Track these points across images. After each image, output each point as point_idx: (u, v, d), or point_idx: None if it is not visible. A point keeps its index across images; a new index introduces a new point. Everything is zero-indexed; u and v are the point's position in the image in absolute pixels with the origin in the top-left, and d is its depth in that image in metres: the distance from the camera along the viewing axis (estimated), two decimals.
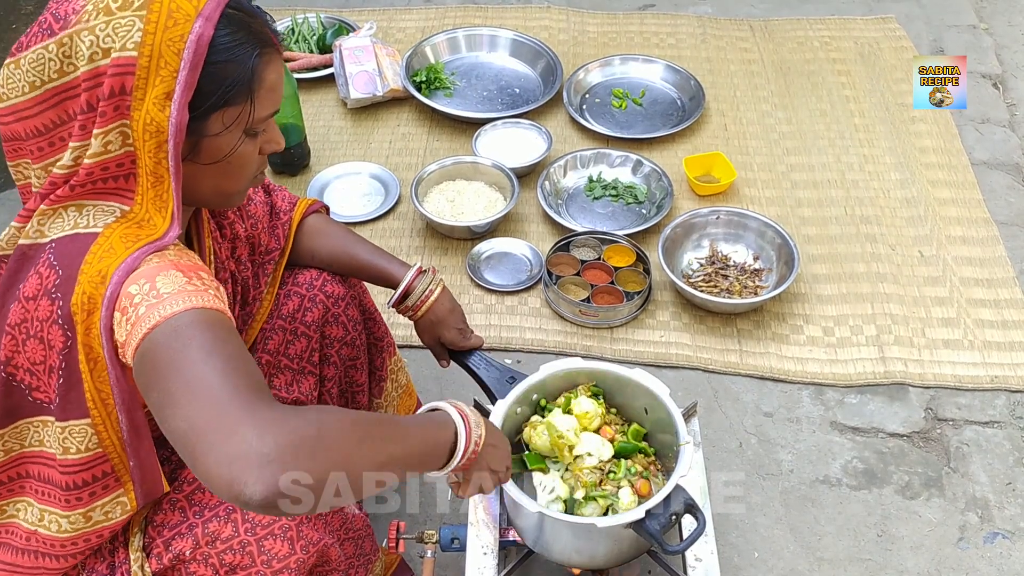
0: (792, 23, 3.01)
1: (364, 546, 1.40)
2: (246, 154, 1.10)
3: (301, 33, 2.85)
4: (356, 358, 1.55)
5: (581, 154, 2.47)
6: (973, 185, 2.45)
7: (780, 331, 2.11)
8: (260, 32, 1.05)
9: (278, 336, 1.43)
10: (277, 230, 1.43)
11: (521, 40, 2.84)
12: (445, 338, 1.54)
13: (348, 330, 1.50)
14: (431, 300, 1.50)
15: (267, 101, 1.07)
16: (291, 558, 1.19)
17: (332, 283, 1.47)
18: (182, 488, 1.24)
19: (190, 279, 0.99)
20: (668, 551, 1.29)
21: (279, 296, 1.44)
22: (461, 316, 1.56)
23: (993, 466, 1.87)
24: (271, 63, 1.06)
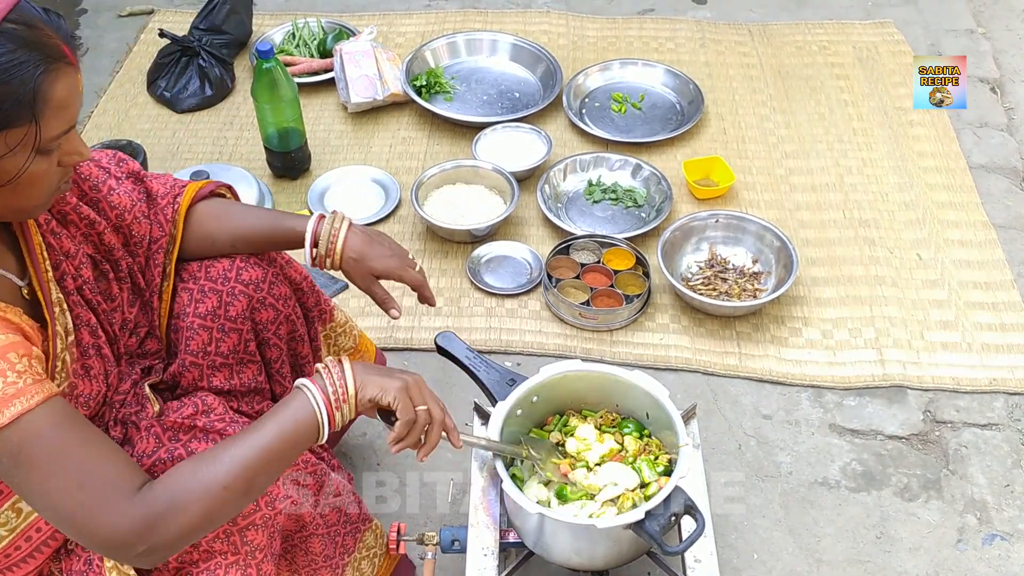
0: (790, 27, 3.03)
1: (349, 512, 1.40)
2: (39, 172, 1.04)
3: (302, 38, 2.87)
4: (295, 331, 1.49)
5: (581, 158, 2.48)
6: (971, 189, 2.46)
7: (779, 334, 2.12)
8: (45, 45, 0.99)
9: (202, 336, 1.37)
10: (158, 216, 1.36)
11: (521, 44, 2.85)
12: (377, 271, 1.41)
13: (279, 309, 1.44)
14: (341, 239, 1.39)
15: (57, 119, 1.02)
16: (256, 514, 1.20)
17: (248, 268, 1.40)
18: (142, 462, 1.24)
19: (2, 372, 0.99)
20: (668, 552, 1.29)
21: (192, 292, 1.37)
22: (390, 247, 1.44)
23: (991, 468, 1.88)
24: (60, 78, 1.00)
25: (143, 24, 3.08)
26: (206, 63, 2.72)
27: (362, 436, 1.93)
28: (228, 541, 1.21)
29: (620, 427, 1.50)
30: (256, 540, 1.22)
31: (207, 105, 2.73)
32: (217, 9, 2.80)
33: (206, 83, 2.72)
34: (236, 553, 1.21)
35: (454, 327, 2.11)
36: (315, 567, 1.38)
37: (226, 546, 1.21)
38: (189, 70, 2.73)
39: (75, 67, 1.03)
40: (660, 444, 1.47)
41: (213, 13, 2.80)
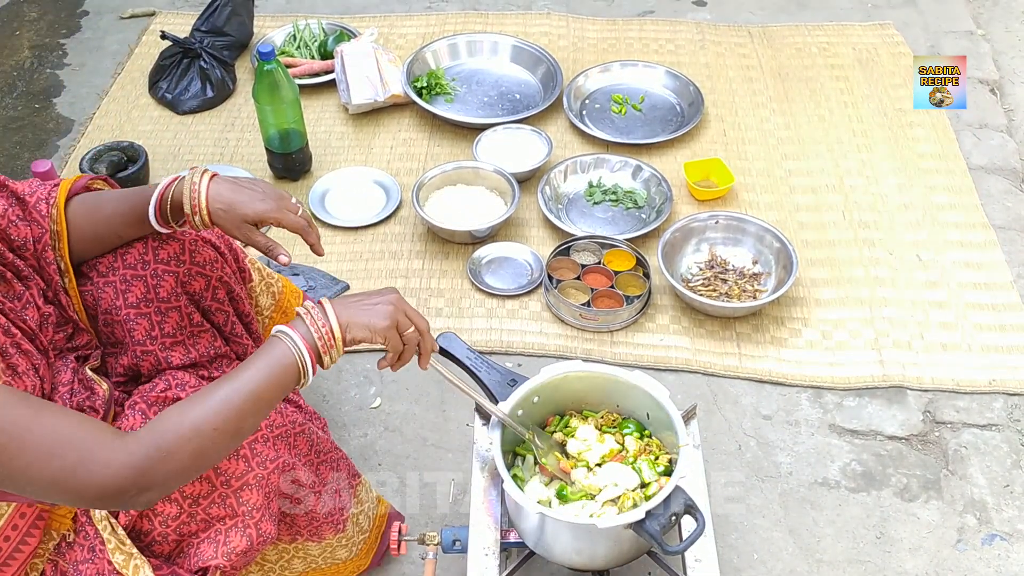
0: (790, 29, 3.03)
1: (340, 468, 1.43)
2: None
3: (303, 39, 2.87)
4: (232, 291, 1.47)
5: (581, 159, 2.48)
6: (971, 190, 2.47)
7: (779, 335, 2.12)
8: None
9: (142, 324, 1.36)
10: (33, 215, 1.31)
11: (521, 46, 2.86)
12: (249, 216, 1.31)
13: (207, 275, 1.41)
14: (203, 191, 1.29)
15: None
16: (249, 474, 1.22)
17: (163, 246, 1.37)
18: None
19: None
20: (668, 552, 1.30)
21: (116, 285, 1.35)
22: (263, 190, 1.34)
23: (991, 468, 1.88)
24: None
25: (145, 26, 3.08)
26: (207, 65, 2.73)
27: (363, 436, 1.94)
28: (224, 504, 1.23)
29: (620, 427, 1.50)
30: (252, 500, 1.24)
31: (208, 107, 2.73)
32: (218, 11, 2.81)
33: (207, 85, 2.73)
34: (234, 516, 1.23)
35: (455, 328, 2.11)
36: (316, 524, 1.40)
37: (223, 510, 1.23)
38: (190, 72, 2.73)
39: None
40: (660, 444, 1.48)
41: (214, 15, 2.81)
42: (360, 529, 1.54)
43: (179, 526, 1.23)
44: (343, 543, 1.50)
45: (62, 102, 2.81)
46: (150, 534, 1.25)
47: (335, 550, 1.50)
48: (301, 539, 1.42)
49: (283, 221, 1.33)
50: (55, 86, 2.86)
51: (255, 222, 1.31)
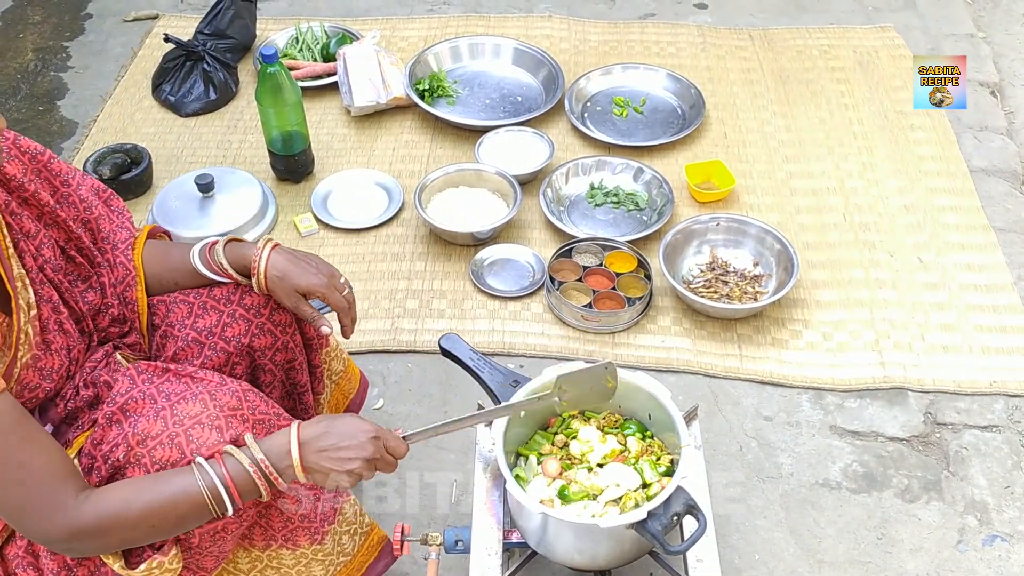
0: (791, 32, 3.04)
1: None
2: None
3: (305, 42, 2.88)
4: (293, 360, 1.52)
5: (583, 161, 2.49)
6: (971, 192, 2.47)
7: (780, 336, 2.13)
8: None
9: (193, 349, 1.41)
10: (121, 219, 1.43)
11: (523, 49, 2.87)
12: (301, 287, 1.41)
13: (277, 336, 1.47)
14: (264, 259, 1.40)
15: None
16: (220, 445, 1.21)
17: (251, 294, 1.44)
18: (115, 400, 1.27)
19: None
20: (670, 552, 1.30)
21: (193, 307, 1.42)
22: (316, 266, 1.43)
23: (992, 470, 1.88)
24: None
25: (148, 29, 3.09)
26: (210, 67, 2.74)
27: None
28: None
29: (622, 428, 1.51)
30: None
31: (211, 109, 2.74)
32: (221, 14, 2.82)
33: (210, 87, 2.74)
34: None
35: (457, 329, 2.12)
36: (291, 528, 1.36)
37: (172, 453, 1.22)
38: (193, 74, 2.75)
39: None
40: (662, 445, 1.48)
41: (217, 18, 2.82)
42: (342, 551, 1.47)
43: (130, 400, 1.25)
44: (319, 557, 1.43)
45: (66, 105, 2.82)
46: None
47: (310, 563, 1.42)
48: (275, 545, 1.37)
49: (329, 297, 1.43)
50: (59, 89, 2.87)
51: (304, 293, 1.42)
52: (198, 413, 1.23)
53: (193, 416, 1.22)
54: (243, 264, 1.42)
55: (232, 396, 1.27)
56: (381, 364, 2.07)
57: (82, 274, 1.37)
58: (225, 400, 1.25)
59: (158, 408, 1.24)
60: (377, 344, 2.11)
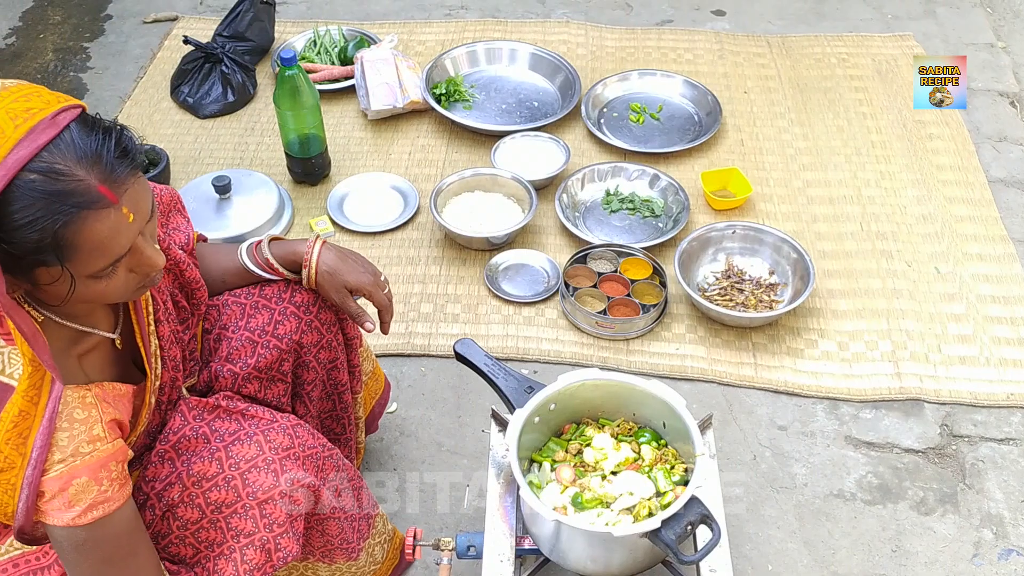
0: (809, 40, 3.03)
1: (361, 499, 1.45)
2: (100, 288, 1.05)
3: (323, 45, 2.89)
4: (335, 359, 1.55)
5: (599, 167, 2.49)
6: (990, 203, 2.46)
7: (795, 345, 2.12)
8: (71, 193, 0.96)
9: (247, 348, 1.42)
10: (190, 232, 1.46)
11: (540, 54, 2.87)
12: (351, 284, 1.45)
13: (323, 334, 1.50)
14: (315, 254, 1.44)
15: (94, 258, 1.00)
16: (275, 490, 1.24)
17: (300, 291, 1.47)
18: (168, 438, 1.29)
19: (99, 482, 1.07)
20: (683, 561, 1.30)
21: (245, 308, 1.44)
22: (363, 264, 1.49)
23: (1008, 483, 1.87)
24: (89, 223, 0.97)
25: (167, 31, 3.11)
26: (229, 70, 2.75)
27: (378, 441, 1.94)
28: (247, 516, 1.24)
29: (637, 436, 1.51)
30: (275, 515, 1.25)
31: (229, 111, 2.76)
32: (240, 16, 2.83)
33: (228, 89, 2.75)
34: (254, 532, 1.24)
35: (471, 334, 2.12)
36: (330, 548, 1.41)
37: (245, 522, 1.24)
38: (212, 76, 2.76)
39: (115, 204, 0.99)
40: (676, 454, 1.48)
41: (236, 20, 2.83)
42: (373, 560, 1.54)
43: (198, 530, 1.25)
44: (352, 571, 1.50)
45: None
46: (167, 536, 1.26)
47: (343, 575, 1.50)
48: (313, 559, 1.42)
49: (373, 296, 1.47)
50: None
51: (352, 290, 1.46)
52: (254, 456, 1.25)
53: (249, 460, 1.25)
54: (291, 260, 1.45)
55: (284, 435, 1.30)
56: (395, 368, 2.07)
57: (182, 316, 1.37)
58: (279, 441, 1.28)
59: (212, 449, 1.26)
60: (391, 348, 2.12)
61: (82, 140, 0.98)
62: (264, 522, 1.24)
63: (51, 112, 0.97)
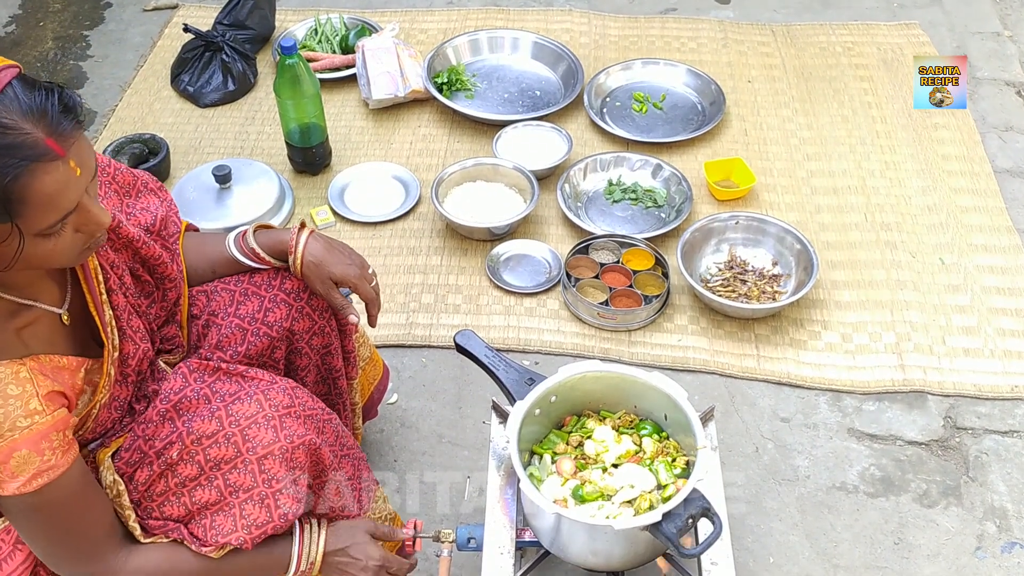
0: (814, 28, 3.01)
1: (361, 471, 1.45)
2: (48, 248, 1.05)
3: (324, 33, 2.88)
4: (329, 344, 1.54)
5: (601, 157, 2.47)
6: (996, 193, 2.44)
7: (798, 337, 2.10)
8: (18, 147, 0.96)
9: (236, 336, 1.42)
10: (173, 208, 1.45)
11: (542, 43, 2.85)
12: (336, 276, 1.44)
13: (315, 320, 1.49)
14: (301, 244, 1.43)
15: (43, 213, 1.00)
16: (275, 445, 1.24)
17: (290, 278, 1.46)
18: (169, 398, 1.29)
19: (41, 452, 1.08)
20: (684, 554, 1.29)
21: (235, 294, 1.44)
22: (349, 256, 1.47)
23: (1012, 476, 1.86)
24: (40, 175, 0.97)
25: (167, 19, 3.10)
26: (229, 58, 2.74)
27: (379, 432, 1.94)
28: (246, 471, 1.24)
29: (638, 428, 1.50)
30: (275, 470, 1.25)
31: (229, 100, 2.74)
32: (241, 5, 2.82)
33: (229, 78, 2.74)
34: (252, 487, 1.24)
35: (472, 325, 2.11)
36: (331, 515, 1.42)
37: (244, 477, 1.24)
38: (212, 65, 2.74)
39: (62, 157, 0.99)
40: (678, 446, 1.47)
41: (237, 8, 2.81)
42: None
43: (195, 488, 1.25)
44: None
45: (85, 93, 2.82)
46: (163, 495, 1.26)
47: None
48: None
49: (359, 288, 1.46)
50: (78, 77, 2.88)
51: (337, 281, 1.44)
52: (254, 413, 1.26)
53: (249, 417, 1.25)
54: (277, 249, 1.44)
55: (284, 394, 1.30)
56: (396, 359, 2.06)
57: (146, 291, 1.37)
58: (279, 399, 1.29)
59: (213, 408, 1.26)
60: (392, 338, 2.11)
61: (26, 96, 0.99)
62: (263, 477, 1.24)
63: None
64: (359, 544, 1.38)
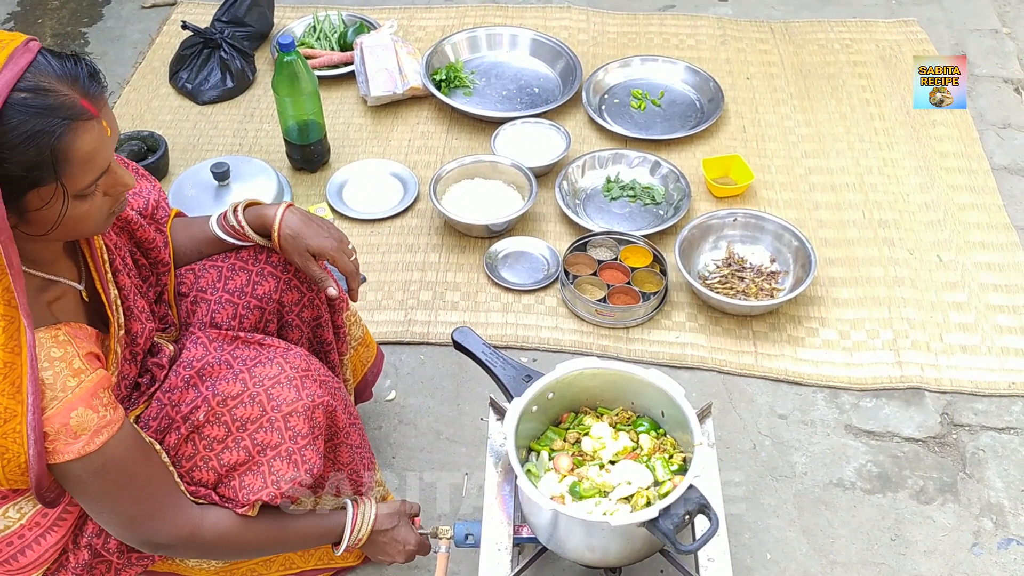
0: (813, 25, 3.01)
1: (365, 440, 1.50)
2: (83, 211, 1.10)
3: (322, 31, 2.87)
4: (319, 317, 1.57)
5: (599, 154, 2.47)
6: (993, 190, 2.44)
7: (796, 334, 2.11)
8: (59, 107, 1.02)
9: (227, 310, 1.45)
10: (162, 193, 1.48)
11: (541, 40, 2.85)
12: (312, 248, 1.44)
13: (303, 292, 1.52)
14: (278, 217, 1.44)
15: (84, 171, 1.06)
16: (298, 403, 1.30)
17: (276, 252, 1.49)
18: (192, 365, 1.34)
19: (95, 409, 1.11)
20: (681, 550, 1.29)
21: (222, 270, 1.46)
22: (327, 229, 1.47)
23: (1009, 472, 1.86)
24: (79, 135, 1.03)
25: (166, 16, 3.09)
26: (228, 55, 2.74)
27: (377, 429, 1.94)
28: (272, 429, 1.29)
29: (635, 425, 1.50)
30: (299, 426, 1.30)
31: (228, 97, 2.74)
32: (239, 2, 2.82)
33: (227, 75, 2.74)
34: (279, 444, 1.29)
35: (470, 322, 2.11)
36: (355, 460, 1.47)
37: (270, 435, 1.28)
38: (211, 62, 2.74)
39: (96, 117, 1.06)
40: (675, 443, 1.47)
41: (235, 6, 2.81)
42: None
43: (223, 451, 1.29)
44: None
45: None
46: (192, 459, 1.30)
47: None
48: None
49: (337, 261, 1.47)
50: None
51: (314, 254, 1.45)
52: (276, 374, 1.31)
53: (272, 377, 1.31)
54: (260, 224, 1.46)
55: (301, 359, 1.36)
56: (394, 355, 2.06)
57: (143, 274, 1.41)
58: (297, 363, 1.34)
59: (236, 372, 1.32)
60: (390, 335, 2.11)
61: (57, 63, 1.05)
62: (289, 434, 1.29)
63: (21, 42, 1.03)
64: (402, 527, 1.46)
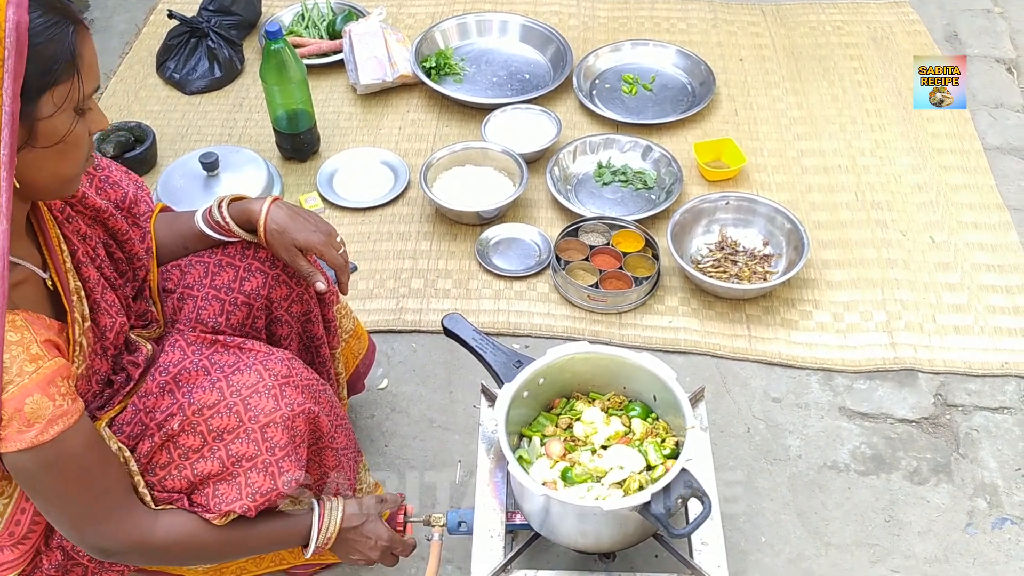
0: (804, 7, 2.99)
1: (352, 439, 1.49)
2: (80, 134, 1.10)
3: (311, 19, 2.85)
4: (309, 312, 1.55)
5: (590, 140, 2.46)
6: (986, 171, 2.43)
7: (789, 317, 2.10)
8: (67, 10, 1.06)
9: (214, 307, 1.43)
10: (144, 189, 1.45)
11: (531, 25, 2.83)
12: (299, 243, 1.42)
13: (292, 287, 1.50)
14: (263, 212, 1.42)
15: (89, 77, 1.08)
16: (276, 413, 1.27)
17: (263, 248, 1.47)
18: (168, 370, 1.32)
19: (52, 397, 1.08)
20: (674, 535, 1.29)
21: (209, 266, 1.45)
22: (315, 223, 1.45)
23: (1002, 452, 1.86)
24: (86, 39, 1.08)
25: (152, 5, 3.07)
26: (215, 44, 2.72)
27: (369, 418, 1.94)
28: (249, 440, 1.26)
29: (627, 410, 1.50)
30: (277, 438, 1.27)
31: (216, 87, 2.72)
32: None
33: (215, 65, 2.72)
34: (256, 455, 1.26)
35: (462, 309, 2.11)
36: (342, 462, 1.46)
37: (247, 447, 1.26)
38: (198, 51, 2.72)
39: (88, 31, 1.09)
40: (667, 427, 1.47)
41: None
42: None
43: (197, 460, 1.26)
44: None
45: None
46: (166, 467, 1.28)
47: None
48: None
49: (325, 254, 1.45)
50: None
51: (302, 248, 1.43)
52: (254, 383, 1.28)
53: (250, 386, 1.28)
54: (246, 219, 1.44)
55: (282, 364, 1.33)
56: (386, 344, 2.06)
57: (120, 268, 1.38)
58: (277, 369, 1.31)
59: (213, 379, 1.29)
60: (382, 324, 2.10)
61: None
62: (266, 445, 1.26)
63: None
64: (372, 523, 1.41)
